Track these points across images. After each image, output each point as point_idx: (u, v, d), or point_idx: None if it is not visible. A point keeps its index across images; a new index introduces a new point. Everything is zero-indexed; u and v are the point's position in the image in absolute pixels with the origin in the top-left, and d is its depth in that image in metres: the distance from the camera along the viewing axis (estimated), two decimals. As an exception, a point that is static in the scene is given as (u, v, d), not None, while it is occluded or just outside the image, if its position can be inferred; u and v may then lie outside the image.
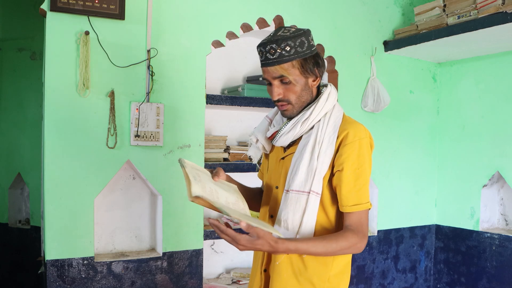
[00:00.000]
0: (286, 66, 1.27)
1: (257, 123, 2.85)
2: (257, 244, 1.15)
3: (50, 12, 1.91)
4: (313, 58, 1.30)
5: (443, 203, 3.12)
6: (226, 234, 1.16)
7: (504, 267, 2.69)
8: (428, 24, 2.59)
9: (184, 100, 2.21)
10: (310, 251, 1.23)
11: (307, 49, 1.28)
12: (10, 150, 3.63)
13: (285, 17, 2.48)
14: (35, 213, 3.60)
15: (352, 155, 1.27)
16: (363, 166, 1.28)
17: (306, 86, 1.32)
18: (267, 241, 1.16)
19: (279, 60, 1.26)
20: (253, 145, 1.53)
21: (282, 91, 1.31)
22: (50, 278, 1.93)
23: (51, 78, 1.94)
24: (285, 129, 1.35)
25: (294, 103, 1.32)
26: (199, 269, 2.25)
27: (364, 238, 1.27)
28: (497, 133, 2.78)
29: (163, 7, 2.16)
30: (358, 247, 1.26)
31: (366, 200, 1.29)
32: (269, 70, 1.29)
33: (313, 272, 1.32)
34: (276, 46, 1.25)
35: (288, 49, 1.25)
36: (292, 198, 1.29)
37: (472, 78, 2.94)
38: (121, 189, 2.22)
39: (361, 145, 1.28)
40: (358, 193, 1.27)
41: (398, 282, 3.02)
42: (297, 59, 1.27)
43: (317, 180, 1.28)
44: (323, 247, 1.23)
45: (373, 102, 2.75)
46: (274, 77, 1.30)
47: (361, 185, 1.28)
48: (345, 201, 1.27)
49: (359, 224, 1.27)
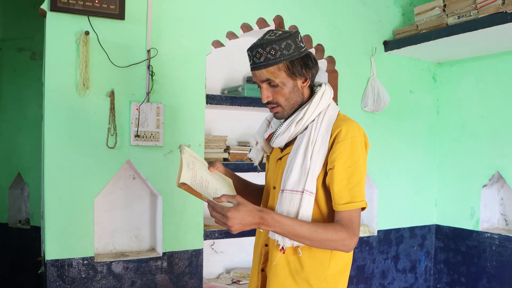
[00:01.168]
0: (272, 70, 1.28)
1: (257, 123, 2.86)
2: (243, 212, 1.15)
3: (50, 12, 1.91)
4: (301, 59, 1.30)
5: (443, 203, 3.12)
6: (215, 209, 1.17)
7: (504, 267, 2.69)
8: (428, 24, 2.59)
9: (184, 100, 2.21)
10: (295, 229, 1.20)
11: (294, 51, 1.28)
12: (10, 150, 3.63)
13: (285, 17, 2.48)
14: (35, 213, 3.60)
15: (344, 152, 1.26)
16: (357, 164, 1.27)
17: (295, 88, 1.32)
18: (251, 209, 1.17)
19: (265, 64, 1.27)
20: (253, 147, 1.54)
21: (270, 93, 1.32)
22: (50, 278, 1.93)
23: (51, 78, 1.93)
24: (280, 130, 1.36)
25: (283, 105, 1.33)
26: (199, 269, 2.25)
27: (353, 236, 1.24)
28: (497, 133, 2.78)
29: (163, 7, 2.16)
30: (346, 244, 1.23)
31: (360, 199, 1.27)
32: (256, 74, 1.31)
33: (310, 271, 1.32)
34: (261, 50, 1.26)
35: (273, 52, 1.26)
36: (286, 197, 1.29)
37: (472, 78, 2.94)
38: (121, 189, 2.22)
39: (354, 142, 1.27)
40: (352, 191, 1.26)
41: (398, 282, 3.02)
42: (283, 62, 1.27)
43: (310, 179, 1.27)
44: (308, 230, 1.21)
45: (373, 102, 2.75)
46: (262, 80, 1.31)
47: (354, 183, 1.26)
48: (338, 200, 1.26)
49: (349, 222, 1.25)
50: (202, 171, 1.30)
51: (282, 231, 1.20)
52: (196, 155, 1.39)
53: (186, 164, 1.24)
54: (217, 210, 1.17)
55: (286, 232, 1.21)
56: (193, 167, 1.27)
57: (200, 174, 1.27)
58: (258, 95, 2.55)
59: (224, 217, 1.15)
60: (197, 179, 1.24)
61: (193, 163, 1.29)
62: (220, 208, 1.16)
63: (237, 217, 1.15)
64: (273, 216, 1.19)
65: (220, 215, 1.16)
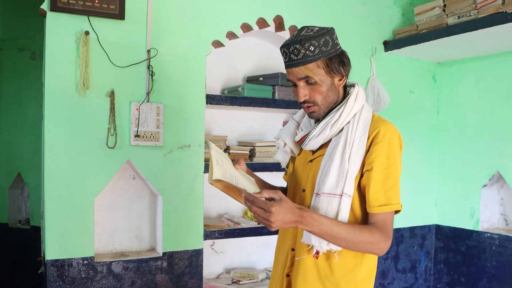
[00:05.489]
0: (311, 67, 1.24)
1: (257, 123, 2.86)
2: (285, 208, 1.12)
3: (50, 12, 1.91)
4: (338, 57, 1.28)
5: (443, 203, 3.12)
6: (256, 204, 1.13)
7: (504, 267, 2.69)
8: (428, 24, 2.59)
9: (184, 100, 2.21)
10: (333, 230, 1.17)
11: (331, 48, 1.25)
12: (10, 150, 3.63)
13: (285, 17, 2.48)
14: (35, 213, 3.60)
15: (382, 154, 1.24)
16: (393, 166, 1.25)
17: (332, 86, 1.30)
18: (292, 206, 1.14)
19: (304, 61, 1.23)
20: (280, 149, 1.49)
21: (308, 92, 1.29)
22: (50, 278, 1.93)
23: (51, 78, 1.94)
24: (314, 132, 1.32)
25: (320, 104, 1.30)
26: (199, 269, 2.25)
27: (388, 239, 1.21)
28: (497, 133, 2.78)
29: (163, 7, 2.16)
30: (381, 247, 1.20)
31: (395, 201, 1.25)
32: (293, 71, 1.27)
33: (340, 276, 1.28)
34: (300, 47, 1.23)
35: (312, 49, 1.22)
36: (323, 201, 1.25)
37: (472, 78, 2.94)
38: (121, 189, 2.22)
39: (391, 144, 1.26)
40: (387, 193, 1.24)
41: (398, 282, 3.02)
42: (322, 58, 1.24)
43: (349, 182, 1.24)
44: (346, 231, 1.18)
45: (373, 102, 2.75)
46: (299, 78, 1.27)
47: (390, 185, 1.25)
48: (373, 202, 1.24)
49: (384, 224, 1.23)
50: (230, 168, 1.26)
51: (319, 231, 1.17)
52: (221, 151, 1.34)
53: (215, 161, 1.20)
54: (259, 205, 1.12)
55: (323, 233, 1.17)
56: (222, 163, 1.23)
57: (229, 170, 1.23)
58: (258, 95, 2.55)
59: (266, 213, 1.11)
60: (227, 176, 1.19)
61: (221, 160, 1.25)
62: (263, 203, 1.12)
63: (280, 212, 1.11)
64: (312, 215, 1.16)
65: (262, 210, 1.12)
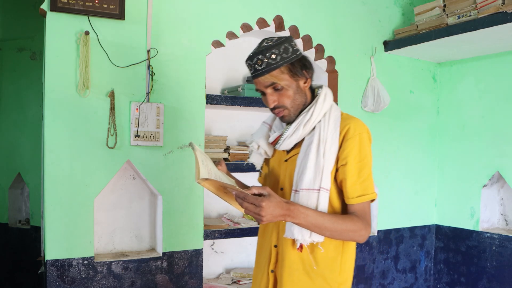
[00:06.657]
0: (276, 73, 1.33)
1: (257, 123, 2.86)
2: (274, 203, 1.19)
3: (50, 12, 1.91)
4: (299, 61, 1.36)
5: (443, 203, 3.12)
6: (247, 200, 1.20)
7: (504, 267, 2.69)
8: (428, 24, 2.59)
9: (184, 100, 2.21)
10: (318, 220, 1.26)
11: (292, 53, 1.34)
12: (10, 150, 3.63)
13: (285, 17, 2.48)
14: (35, 213, 3.60)
15: (354, 149, 1.33)
16: (366, 158, 1.34)
17: (299, 89, 1.38)
18: (280, 200, 1.21)
19: (268, 69, 1.32)
20: (254, 152, 1.57)
21: (276, 97, 1.37)
22: (50, 278, 1.93)
23: (51, 78, 1.94)
24: (287, 132, 1.40)
25: (290, 107, 1.38)
26: (199, 269, 2.25)
27: (368, 226, 1.31)
28: (497, 133, 2.78)
29: (163, 7, 2.16)
30: (362, 234, 1.30)
31: (371, 191, 1.35)
32: (260, 81, 1.35)
33: (324, 266, 1.37)
34: (262, 57, 1.31)
35: (274, 56, 1.31)
36: (302, 196, 1.33)
37: (472, 78, 2.94)
38: (121, 189, 2.22)
39: (362, 139, 1.34)
40: (363, 184, 1.33)
41: (398, 282, 3.02)
42: (285, 64, 1.33)
43: (325, 177, 1.32)
44: (330, 221, 1.27)
45: (373, 102, 2.75)
46: (266, 85, 1.35)
47: (365, 176, 1.34)
48: (351, 193, 1.33)
49: (363, 213, 1.32)
50: (214, 168, 1.33)
51: (306, 222, 1.25)
52: (204, 153, 1.40)
53: (201, 161, 1.25)
54: (250, 201, 1.19)
55: (309, 224, 1.26)
56: (206, 164, 1.28)
57: (213, 170, 1.29)
58: (258, 95, 2.55)
59: (257, 207, 1.18)
60: (212, 175, 1.25)
61: (206, 160, 1.31)
62: (254, 198, 1.19)
63: (270, 206, 1.19)
64: (299, 208, 1.24)
65: (253, 206, 1.19)
